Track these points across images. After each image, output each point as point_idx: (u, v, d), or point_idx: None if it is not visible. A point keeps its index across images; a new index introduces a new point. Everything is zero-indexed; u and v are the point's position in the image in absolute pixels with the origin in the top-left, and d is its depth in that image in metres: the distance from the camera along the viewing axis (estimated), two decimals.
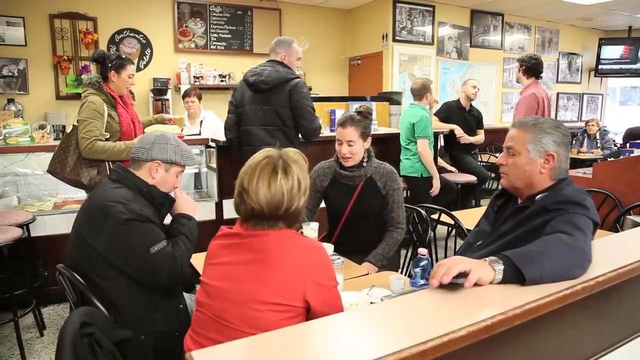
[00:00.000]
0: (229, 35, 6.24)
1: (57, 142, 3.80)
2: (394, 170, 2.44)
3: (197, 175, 4.08)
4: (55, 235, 3.22)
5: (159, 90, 5.52)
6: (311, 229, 2.09)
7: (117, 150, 2.84)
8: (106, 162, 2.87)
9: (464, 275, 1.10)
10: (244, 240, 1.38)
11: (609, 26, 8.36)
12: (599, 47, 8.23)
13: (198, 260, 2.08)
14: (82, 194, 3.56)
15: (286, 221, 1.38)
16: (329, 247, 1.94)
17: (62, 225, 3.23)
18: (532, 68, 3.86)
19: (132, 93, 3.38)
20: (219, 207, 3.73)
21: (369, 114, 2.42)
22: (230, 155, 3.46)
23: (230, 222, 1.46)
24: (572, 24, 8.16)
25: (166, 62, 5.90)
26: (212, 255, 1.46)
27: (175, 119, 3.58)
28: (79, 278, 1.65)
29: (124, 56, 3.02)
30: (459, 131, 4.86)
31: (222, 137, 3.54)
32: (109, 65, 2.92)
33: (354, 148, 2.34)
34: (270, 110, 3.13)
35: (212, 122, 4.61)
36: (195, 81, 5.85)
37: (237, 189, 1.40)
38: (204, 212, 3.65)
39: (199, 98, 4.68)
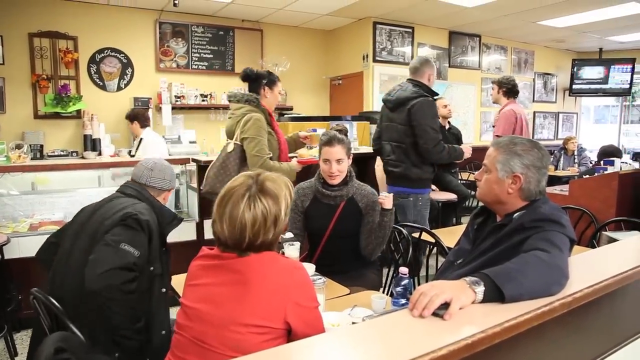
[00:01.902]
0: (211, 55, 6.26)
1: (35, 162, 3.70)
2: (375, 192, 2.46)
3: (177, 195, 4.04)
4: (30, 258, 3.05)
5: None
6: (293, 249, 2.08)
7: (284, 170, 2.82)
8: None
9: (445, 306, 1.09)
10: (224, 262, 1.36)
11: (581, 48, 8.65)
12: (573, 67, 8.51)
13: (178, 281, 2.05)
14: (59, 215, 3.49)
15: (255, 251, 1.35)
16: (310, 267, 1.93)
17: (38, 247, 3.13)
18: (511, 90, 4.21)
19: None
20: (199, 228, 3.70)
21: (346, 133, 2.47)
22: None
23: (211, 242, 1.44)
24: (546, 45, 8.42)
25: (147, 82, 5.87)
26: (192, 277, 1.43)
27: (310, 135, 3.32)
28: (55, 302, 1.61)
29: (271, 72, 3.00)
30: None
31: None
32: (264, 81, 2.90)
33: (342, 166, 2.36)
34: (393, 127, 3.40)
35: (151, 140, 4.69)
36: (177, 101, 5.83)
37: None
38: (184, 232, 3.60)
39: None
